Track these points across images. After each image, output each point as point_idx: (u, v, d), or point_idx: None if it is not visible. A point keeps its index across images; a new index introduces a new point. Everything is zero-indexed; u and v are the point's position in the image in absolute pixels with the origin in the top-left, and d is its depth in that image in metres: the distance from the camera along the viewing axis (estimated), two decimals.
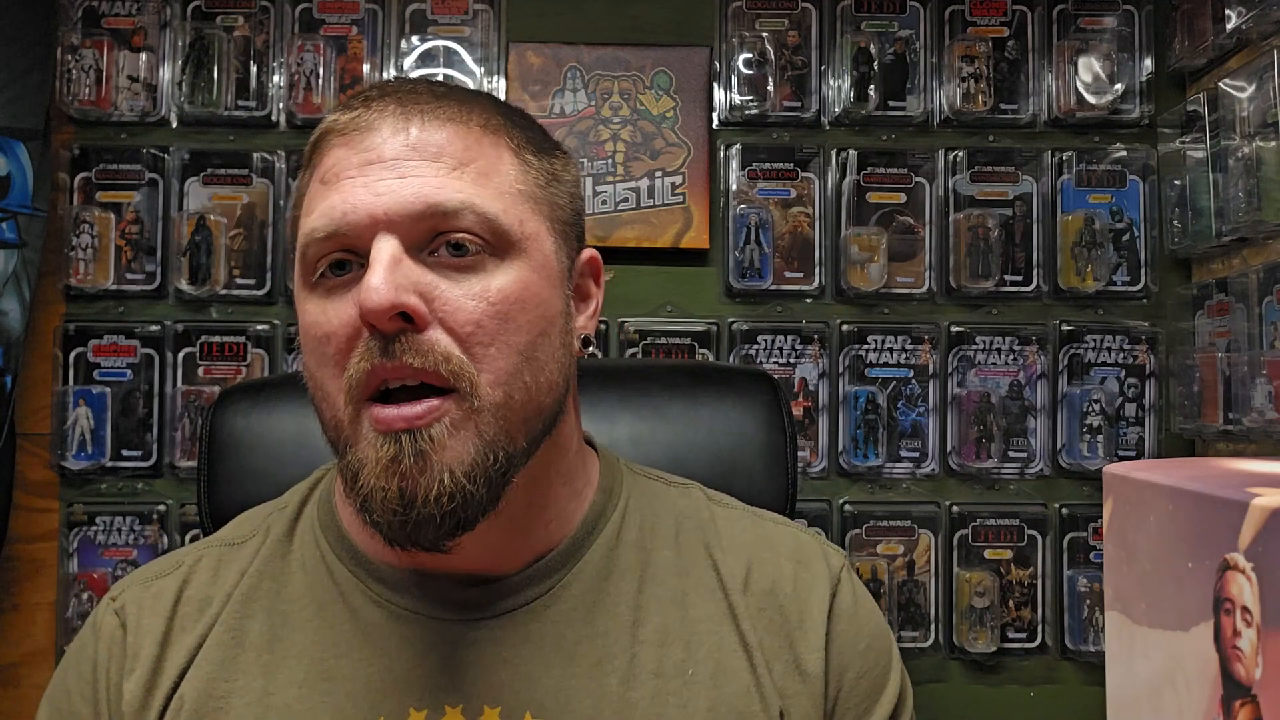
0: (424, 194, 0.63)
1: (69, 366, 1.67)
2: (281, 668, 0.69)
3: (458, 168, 0.65)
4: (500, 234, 0.65)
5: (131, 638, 0.72)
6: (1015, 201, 1.72)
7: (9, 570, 1.65)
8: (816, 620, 0.74)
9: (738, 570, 0.75)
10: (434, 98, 0.67)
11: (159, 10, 1.71)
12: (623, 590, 0.72)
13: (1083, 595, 1.66)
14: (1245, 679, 0.30)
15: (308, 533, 0.75)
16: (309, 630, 0.70)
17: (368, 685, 0.68)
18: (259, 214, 1.70)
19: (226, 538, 0.77)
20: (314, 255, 0.65)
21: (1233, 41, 1.54)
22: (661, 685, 0.70)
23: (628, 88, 1.70)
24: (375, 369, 0.62)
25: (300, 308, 0.67)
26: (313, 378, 0.66)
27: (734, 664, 0.71)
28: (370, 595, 0.71)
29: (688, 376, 1.06)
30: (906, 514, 1.68)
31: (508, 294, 0.64)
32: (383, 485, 0.62)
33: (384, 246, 0.62)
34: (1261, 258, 1.51)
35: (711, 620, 0.72)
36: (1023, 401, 1.69)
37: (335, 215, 0.64)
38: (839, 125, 1.73)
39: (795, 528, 0.80)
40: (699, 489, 0.81)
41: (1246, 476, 0.33)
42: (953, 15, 1.74)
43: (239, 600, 0.72)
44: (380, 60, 1.72)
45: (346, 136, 0.66)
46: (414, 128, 0.65)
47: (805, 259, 1.71)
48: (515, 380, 0.64)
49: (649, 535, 0.75)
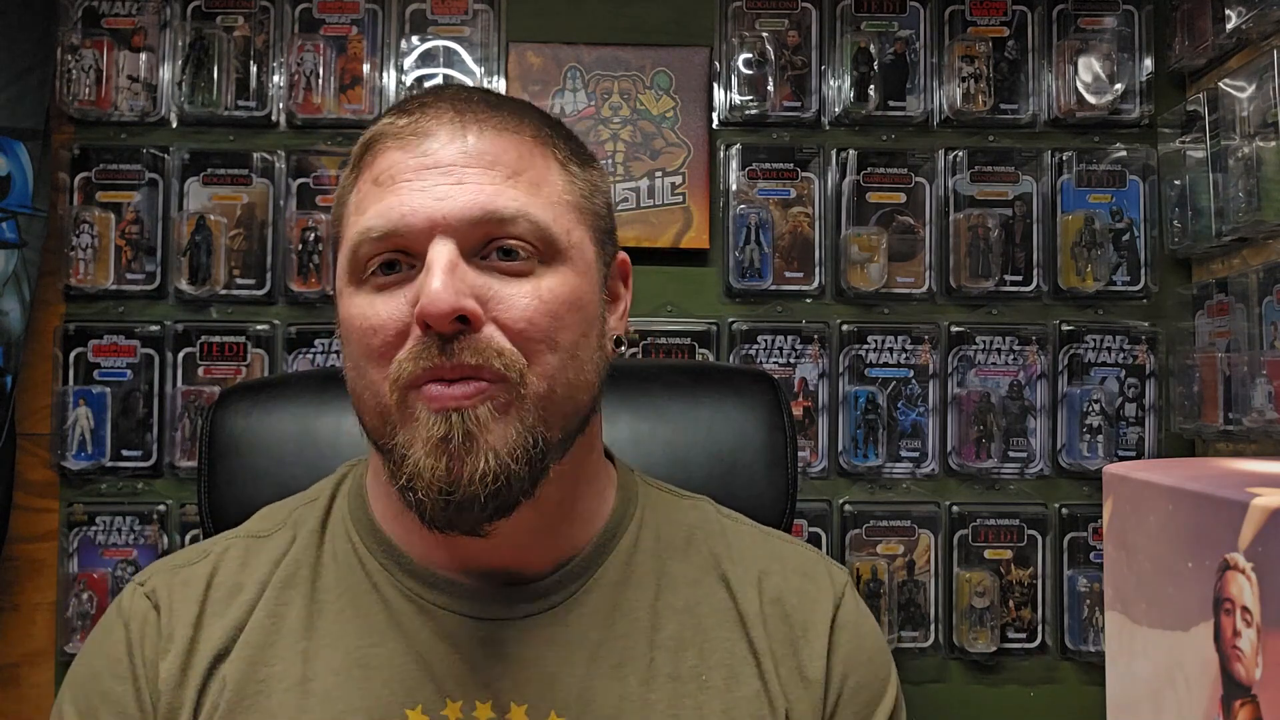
0: (481, 201, 0.66)
1: (69, 366, 1.67)
2: (319, 655, 0.71)
3: (512, 176, 0.68)
4: (550, 241, 0.68)
5: (165, 619, 0.73)
6: (1015, 201, 1.72)
7: (9, 570, 1.65)
8: (820, 630, 0.76)
9: (747, 581, 0.77)
10: (489, 107, 0.70)
11: (159, 10, 1.71)
12: (641, 597, 0.75)
13: (1083, 595, 1.66)
14: (1245, 679, 0.30)
15: (339, 525, 0.76)
16: (344, 619, 0.72)
17: (404, 674, 0.70)
18: (259, 214, 1.70)
19: (252, 530, 0.79)
20: (366, 254, 0.67)
21: (1233, 41, 1.54)
22: (678, 688, 0.72)
23: (628, 88, 1.70)
24: (435, 368, 0.64)
25: (345, 302, 0.69)
26: (356, 367, 0.68)
27: (744, 670, 0.74)
28: (402, 589, 0.72)
29: (688, 376, 1.06)
30: (906, 514, 1.68)
31: (558, 294, 0.67)
32: (430, 463, 0.64)
33: (443, 250, 0.65)
34: (1261, 258, 1.51)
35: (722, 628, 0.75)
36: (1023, 401, 1.69)
37: (393, 217, 0.66)
38: (839, 125, 1.73)
39: (802, 545, 0.84)
40: (710, 503, 0.83)
41: (1246, 476, 0.33)
42: (953, 15, 1.73)
43: (276, 587, 0.73)
44: (380, 60, 1.72)
45: (402, 141, 0.68)
46: (470, 135, 0.68)
47: (805, 259, 1.71)
48: (559, 376, 0.67)
49: (664, 546, 0.78)
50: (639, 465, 0.85)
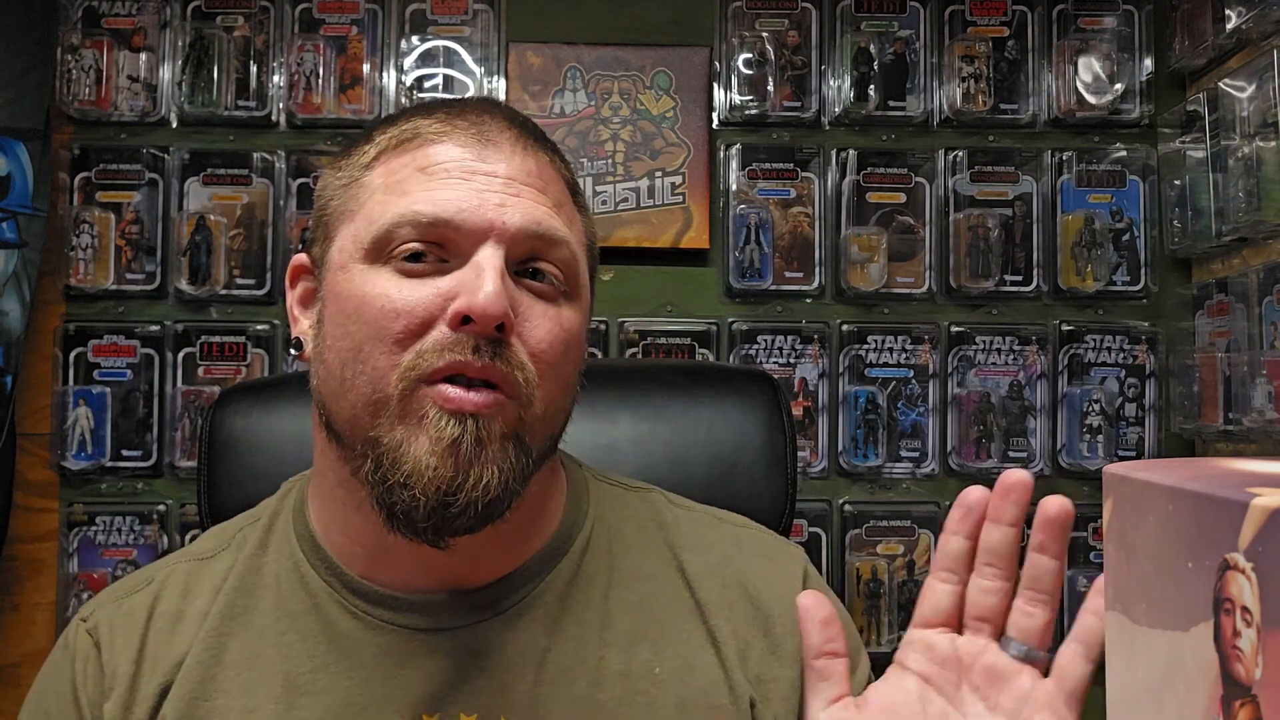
0: (538, 217, 0.68)
1: (69, 366, 1.67)
2: (260, 685, 0.70)
3: (557, 207, 0.70)
4: (574, 277, 0.70)
5: (106, 656, 0.72)
6: (1015, 201, 1.72)
7: (9, 570, 1.65)
8: (789, 606, 0.75)
9: (705, 570, 0.77)
10: (538, 136, 0.73)
11: (159, 10, 1.71)
12: (591, 597, 0.74)
13: (1083, 595, 1.66)
14: (1245, 679, 0.30)
15: (283, 544, 0.75)
16: (284, 644, 0.71)
17: (346, 699, 0.69)
18: (259, 214, 1.70)
19: (196, 552, 0.77)
20: (405, 236, 0.66)
21: (1233, 41, 1.54)
22: (629, 685, 0.71)
23: (628, 88, 1.70)
24: (465, 364, 0.64)
25: (357, 279, 0.67)
26: (355, 349, 0.66)
27: (702, 659, 0.73)
28: (346, 606, 0.71)
29: (688, 376, 1.06)
30: (906, 514, 1.68)
31: (570, 329, 0.69)
32: (435, 463, 0.63)
33: (494, 255, 0.65)
34: (1261, 258, 1.51)
35: (678, 619, 0.74)
36: (1023, 401, 1.69)
37: (449, 208, 0.66)
38: (839, 125, 1.73)
39: (756, 527, 0.83)
40: (659, 493, 0.83)
41: (1246, 476, 0.33)
42: (953, 15, 1.74)
43: (215, 618, 0.72)
44: (380, 60, 1.72)
45: (463, 140, 0.69)
46: (531, 159, 0.70)
47: (805, 259, 1.71)
48: (554, 402, 0.69)
49: (615, 541, 0.77)
50: (639, 465, 0.85)
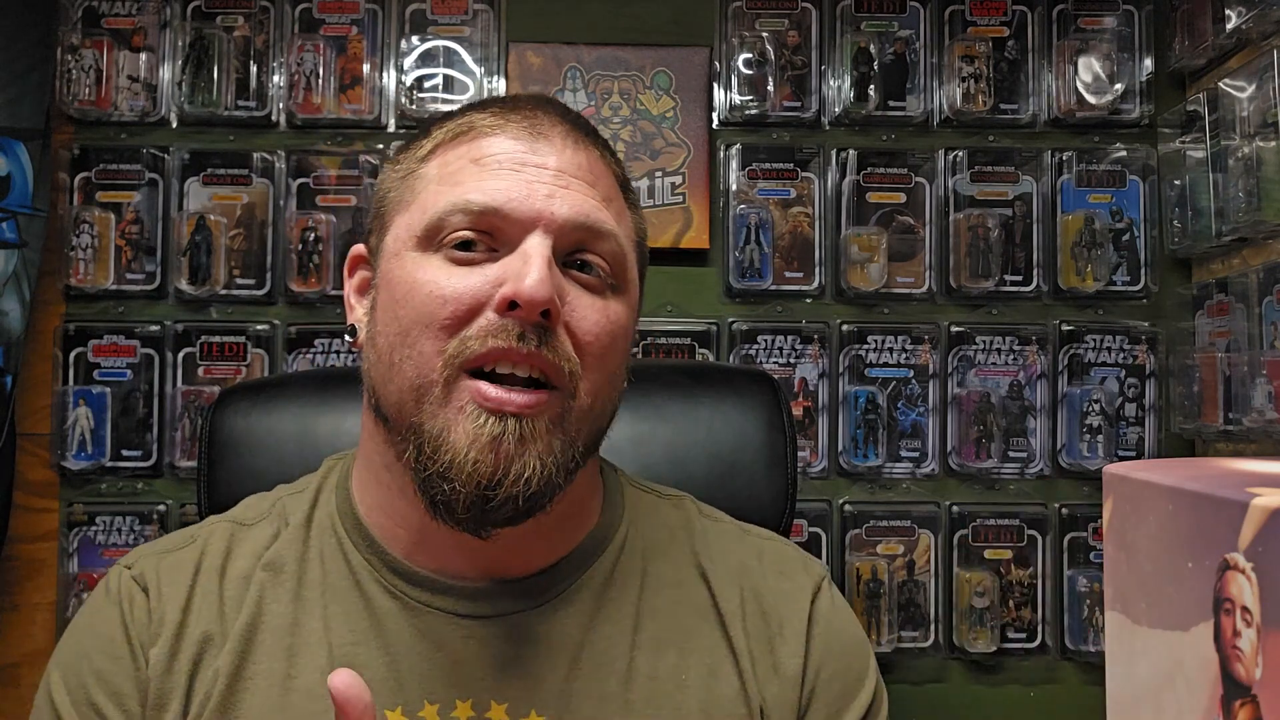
0: (587, 209, 0.69)
1: (69, 366, 1.67)
2: (303, 651, 0.71)
3: (606, 201, 0.72)
4: (621, 270, 0.72)
5: (154, 602, 0.73)
6: (1015, 201, 1.72)
7: (9, 570, 1.65)
8: (796, 626, 0.77)
9: (726, 579, 0.78)
10: (590, 132, 0.74)
11: (159, 10, 1.71)
12: (625, 597, 0.75)
13: (1083, 595, 1.66)
14: (1245, 679, 0.30)
15: (324, 520, 0.76)
16: (328, 617, 0.72)
17: (385, 675, 0.70)
18: (259, 214, 1.70)
19: (235, 517, 0.79)
20: (456, 224, 0.68)
21: (1233, 41, 1.54)
22: (657, 687, 0.73)
23: (628, 88, 1.70)
24: (509, 351, 0.65)
25: (409, 265, 0.69)
26: (403, 333, 0.68)
27: (723, 668, 0.75)
28: (385, 585, 0.73)
29: (688, 376, 1.06)
30: (906, 514, 1.68)
31: (618, 321, 0.71)
32: (476, 457, 0.64)
33: (542, 244, 0.67)
34: (1261, 258, 1.51)
35: (703, 627, 0.76)
36: (1023, 401, 1.69)
37: (499, 197, 0.67)
38: (839, 125, 1.73)
39: (780, 541, 0.84)
40: (690, 501, 0.84)
41: (1246, 476, 0.33)
42: (953, 15, 1.73)
43: (260, 583, 0.73)
44: (380, 60, 1.72)
45: (517, 133, 0.71)
46: (582, 153, 0.71)
47: (805, 259, 1.71)
48: (600, 393, 0.70)
49: (648, 546, 0.79)
50: (639, 465, 0.86)
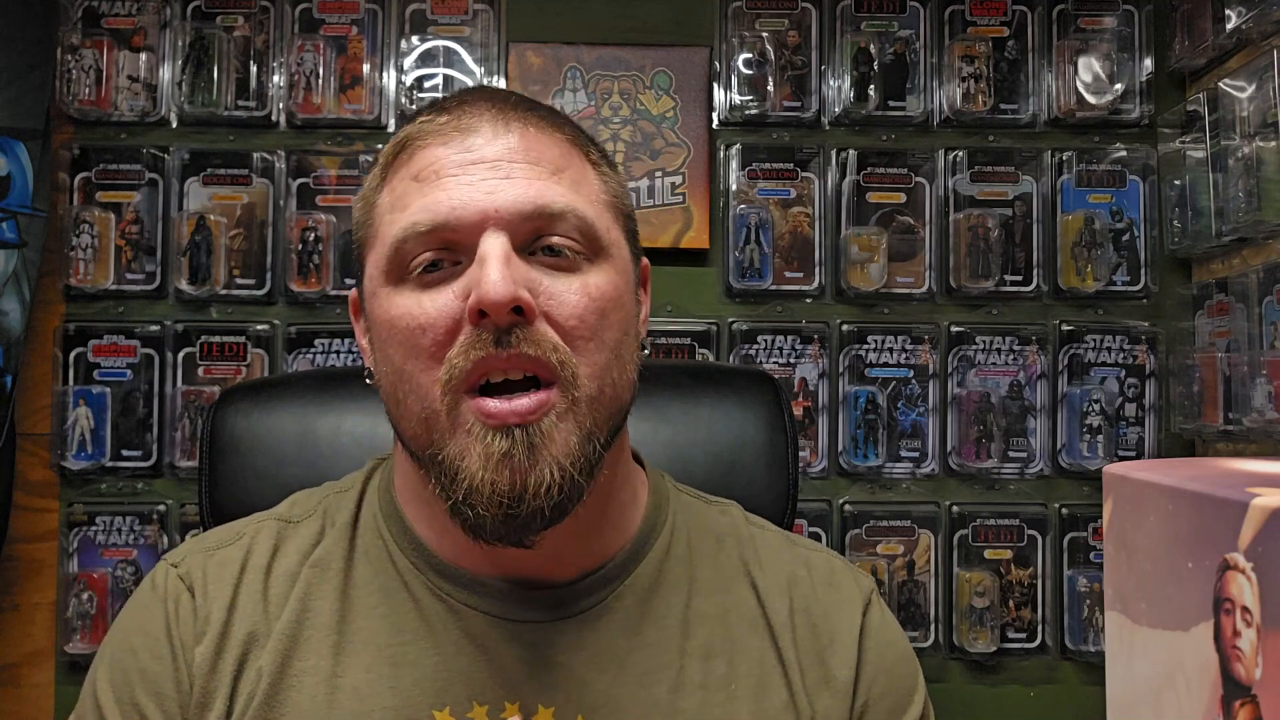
0: (531, 195, 0.66)
1: (69, 366, 1.67)
2: (349, 650, 0.71)
3: (555, 174, 0.68)
4: (594, 238, 0.68)
5: (200, 602, 0.72)
6: (1015, 201, 1.72)
7: (9, 570, 1.65)
8: (848, 639, 0.76)
9: (775, 589, 0.77)
10: (525, 106, 0.71)
11: (159, 10, 1.71)
12: (671, 604, 0.74)
13: (1083, 595, 1.66)
14: (1245, 679, 0.30)
15: (369, 521, 0.76)
16: (376, 616, 0.72)
17: (433, 674, 0.70)
18: (259, 214, 1.70)
19: (282, 514, 0.78)
20: (412, 250, 0.66)
21: (1233, 41, 1.54)
22: (707, 697, 0.72)
23: (628, 88, 1.70)
24: (488, 359, 0.63)
25: (384, 303, 0.68)
26: (399, 371, 0.67)
27: (773, 679, 0.73)
28: (432, 588, 0.72)
29: (688, 376, 1.05)
30: (906, 514, 1.68)
31: (605, 292, 0.68)
32: (492, 479, 0.63)
33: (496, 242, 0.64)
34: (1261, 258, 1.51)
35: (752, 636, 0.75)
36: (1023, 401, 1.69)
37: (441, 211, 0.65)
38: (839, 125, 1.73)
39: (827, 552, 0.83)
40: (737, 509, 0.83)
41: (1246, 476, 0.33)
42: (953, 15, 1.73)
43: (306, 581, 0.73)
44: (380, 60, 1.72)
45: (444, 137, 0.68)
46: (514, 132, 0.68)
47: (805, 259, 1.71)
48: (607, 375, 0.67)
49: (695, 552, 0.77)
50: None
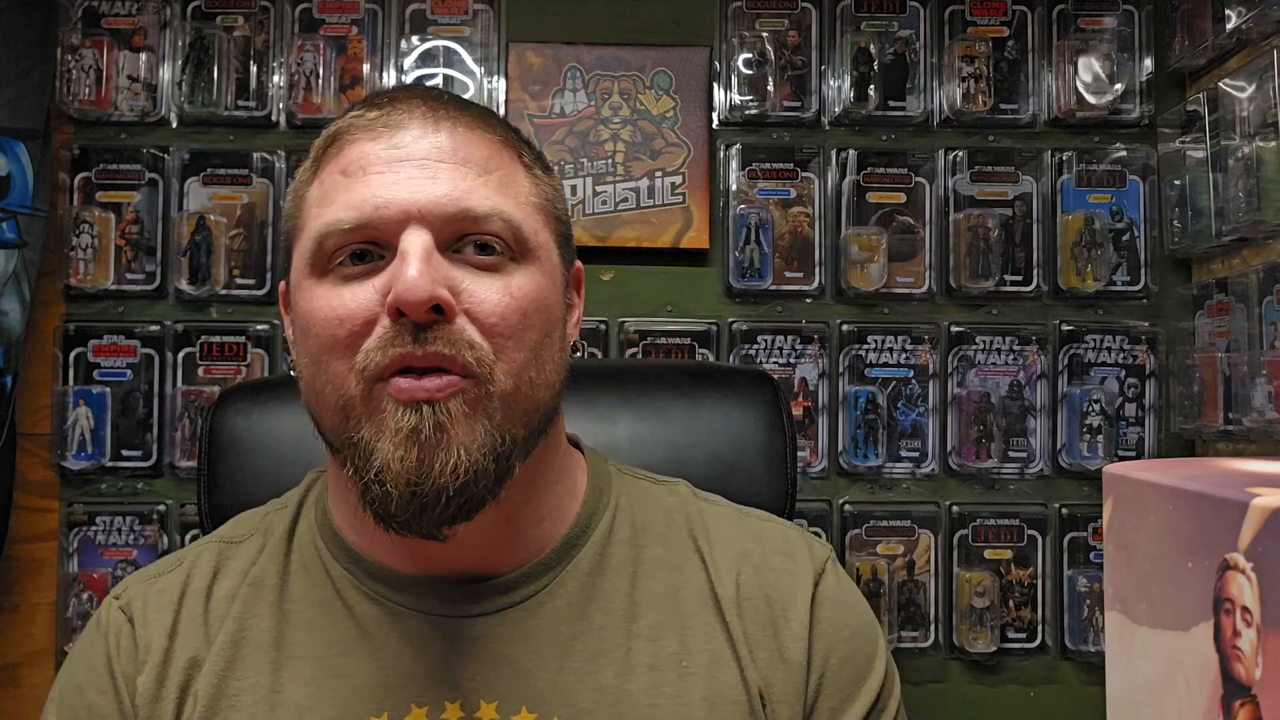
0: (455, 196, 0.66)
1: (69, 366, 1.67)
2: (288, 665, 0.71)
3: (483, 174, 0.68)
4: (521, 240, 0.68)
5: (140, 631, 0.73)
6: (1015, 201, 1.72)
7: (9, 570, 1.65)
8: (800, 609, 0.75)
9: (725, 565, 0.76)
10: (457, 106, 0.71)
11: (159, 10, 1.71)
12: (616, 586, 0.74)
13: (1083, 595, 1.66)
14: (1245, 679, 0.30)
15: (305, 534, 0.76)
16: (313, 629, 0.72)
17: (371, 682, 0.70)
18: (259, 214, 1.70)
19: (224, 535, 0.79)
20: (334, 245, 0.67)
21: (1233, 41, 1.54)
22: (657, 677, 0.71)
23: (628, 88, 1.70)
24: (406, 355, 0.63)
25: (305, 294, 0.68)
26: (316, 362, 0.67)
27: (724, 655, 0.73)
28: (366, 593, 0.72)
29: (688, 376, 1.06)
30: (906, 514, 1.68)
31: (527, 293, 0.68)
32: (400, 454, 0.63)
33: (418, 240, 0.64)
34: (1261, 258, 1.51)
35: (703, 612, 0.74)
36: (1023, 401, 1.69)
37: (365, 209, 0.66)
38: (839, 125, 1.73)
39: (781, 523, 0.82)
40: (686, 486, 0.82)
41: (1246, 476, 0.33)
42: (953, 15, 1.73)
43: (243, 600, 0.73)
44: (380, 60, 1.72)
45: (373, 132, 0.68)
46: (443, 131, 0.68)
47: (805, 259, 1.71)
48: (524, 374, 0.67)
49: (640, 533, 0.77)
50: (638, 465, 0.85)
